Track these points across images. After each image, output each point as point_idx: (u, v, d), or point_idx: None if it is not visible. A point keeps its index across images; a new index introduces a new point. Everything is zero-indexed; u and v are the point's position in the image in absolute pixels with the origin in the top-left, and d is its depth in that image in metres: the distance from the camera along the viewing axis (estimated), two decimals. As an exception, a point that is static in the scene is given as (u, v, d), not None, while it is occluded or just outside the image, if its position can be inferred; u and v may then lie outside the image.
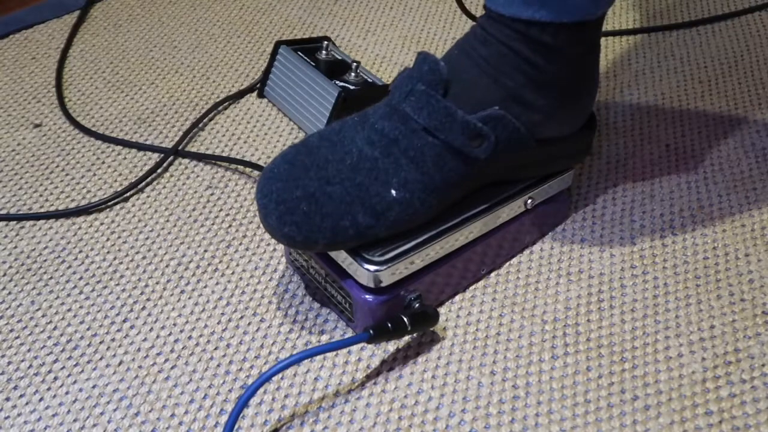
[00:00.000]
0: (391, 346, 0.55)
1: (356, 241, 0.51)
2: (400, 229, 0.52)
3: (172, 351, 0.54)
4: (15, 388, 0.52)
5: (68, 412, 0.51)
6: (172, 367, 0.53)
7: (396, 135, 0.52)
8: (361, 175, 0.51)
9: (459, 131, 0.52)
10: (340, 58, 0.75)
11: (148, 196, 0.67)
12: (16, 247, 0.62)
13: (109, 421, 0.50)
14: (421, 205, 0.52)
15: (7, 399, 0.51)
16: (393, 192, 0.51)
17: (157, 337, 0.55)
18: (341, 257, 0.53)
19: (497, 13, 0.54)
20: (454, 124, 0.52)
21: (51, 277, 0.60)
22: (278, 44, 0.76)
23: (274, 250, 0.62)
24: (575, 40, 0.54)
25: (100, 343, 0.55)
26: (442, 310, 0.57)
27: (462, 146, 0.52)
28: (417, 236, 0.53)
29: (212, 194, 0.67)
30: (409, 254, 0.52)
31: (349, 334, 0.55)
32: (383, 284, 0.52)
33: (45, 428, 0.50)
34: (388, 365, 0.53)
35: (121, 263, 0.61)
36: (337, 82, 0.71)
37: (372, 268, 0.51)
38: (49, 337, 0.55)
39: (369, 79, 0.72)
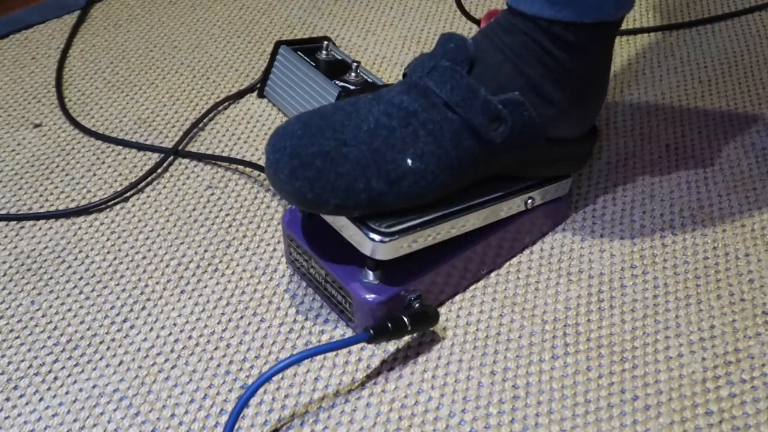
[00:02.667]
0: (391, 346, 0.55)
1: (366, 208, 0.51)
2: (410, 202, 0.52)
3: (172, 351, 0.54)
4: (15, 388, 0.52)
5: (68, 412, 0.51)
6: (172, 367, 0.53)
7: (415, 107, 0.52)
8: (378, 141, 0.51)
9: (479, 110, 0.52)
10: (340, 58, 0.75)
11: (148, 196, 0.67)
12: (16, 247, 0.62)
13: (109, 421, 0.50)
14: (433, 179, 0.52)
15: (7, 399, 0.51)
16: (409, 161, 0.51)
17: (157, 337, 0.55)
18: (344, 227, 0.52)
19: (519, 11, 0.54)
20: (475, 101, 0.52)
21: (51, 277, 0.60)
22: (278, 44, 0.76)
23: (274, 250, 0.62)
24: (595, 39, 0.55)
25: (100, 343, 0.55)
26: (442, 310, 0.57)
27: (480, 126, 0.52)
28: (423, 215, 0.53)
29: (212, 194, 0.67)
30: (414, 231, 0.52)
31: (349, 334, 0.55)
32: (383, 257, 0.51)
33: (45, 428, 0.50)
34: (388, 365, 0.53)
35: (121, 263, 0.61)
36: (337, 82, 0.71)
37: (376, 237, 0.51)
38: (49, 337, 0.55)
39: (369, 79, 0.72)
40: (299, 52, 0.75)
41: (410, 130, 0.52)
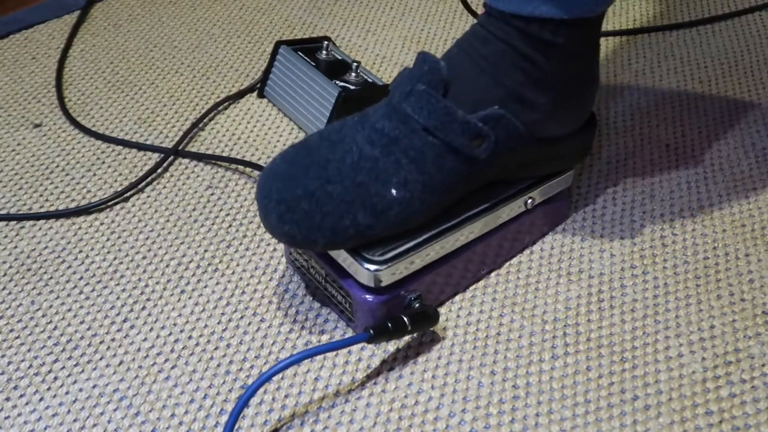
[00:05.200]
0: (391, 346, 0.55)
1: (356, 241, 0.51)
2: (401, 229, 0.52)
3: (172, 351, 0.54)
4: (15, 388, 0.52)
5: (68, 412, 0.51)
6: (173, 367, 0.53)
7: (396, 134, 0.52)
8: (361, 174, 0.51)
9: (459, 131, 0.52)
10: (340, 58, 0.75)
11: (148, 196, 0.67)
12: (16, 247, 0.62)
13: (109, 421, 0.50)
14: (421, 205, 0.52)
15: (7, 399, 0.51)
16: (393, 191, 0.51)
17: (157, 337, 0.55)
18: (341, 257, 0.53)
19: (497, 10, 0.54)
20: (454, 123, 0.52)
21: (51, 277, 0.60)
22: (278, 44, 0.76)
23: (274, 250, 0.62)
24: (575, 36, 0.54)
25: (100, 343, 0.55)
26: (442, 310, 0.57)
27: (462, 146, 0.52)
28: (417, 236, 0.53)
29: (212, 194, 0.67)
30: (410, 254, 0.52)
31: (349, 334, 0.55)
32: (383, 284, 0.52)
33: (45, 428, 0.50)
34: (388, 365, 0.53)
35: (121, 263, 0.61)
36: (337, 82, 0.71)
37: (372, 267, 0.51)
38: (49, 337, 0.55)
39: (369, 79, 0.72)
40: (299, 52, 0.75)
41: (392, 159, 0.52)
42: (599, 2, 0.54)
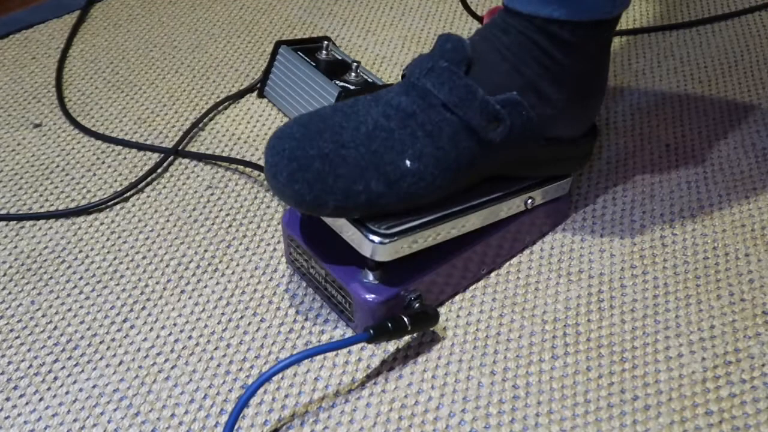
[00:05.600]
0: (391, 346, 0.55)
1: (365, 209, 0.51)
2: (410, 203, 0.52)
3: (172, 351, 0.54)
4: (15, 388, 0.52)
5: (68, 412, 0.51)
6: (173, 367, 0.53)
7: (413, 109, 0.52)
8: (376, 142, 0.51)
9: (478, 110, 0.52)
10: (340, 58, 0.75)
11: (148, 196, 0.67)
12: (16, 247, 0.62)
13: (109, 421, 0.50)
14: (432, 180, 0.52)
15: (7, 399, 0.51)
16: (407, 162, 0.51)
17: (157, 337, 0.55)
18: (344, 228, 0.52)
19: (515, 11, 0.54)
20: (474, 102, 0.52)
21: (51, 277, 0.60)
22: (278, 44, 0.76)
23: (274, 250, 0.62)
24: (591, 37, 0.55)
25: (100, 343, 0.55)
26: (442, 310, 0.57)
27: (479, 126, 0.52)
28: (422, 216, 0.53)
29: (212, 194, 0.67)
30: (413, 232, 0.52)
31: (349, 334, 0.55)
32: (383, 259, 0.51)
33: (45, 428, 0.50)
34: (388, 365, 0.53)
35: (121, 263, 0.61)
36: (337, 82, 0.71)
37: (376, 239, 0.51)
38: (49, 337, 0.55)
39: (369, 79, 0.72)
40: (299, 52, 0.75)
41: (408, 131, 0.52)
42: (616, 4, 0.54)
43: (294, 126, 0.52)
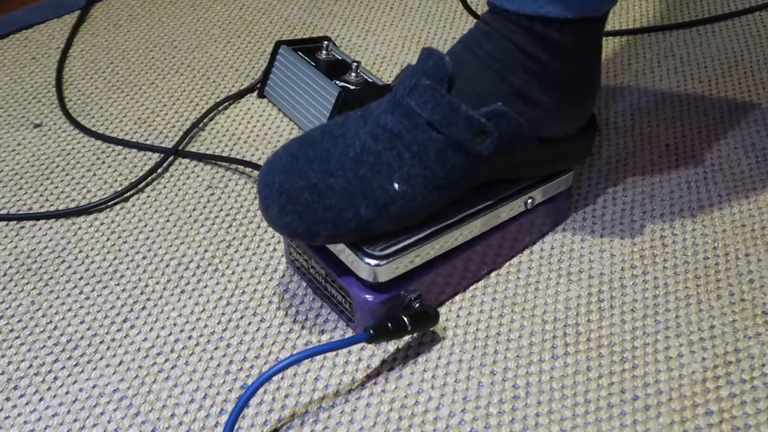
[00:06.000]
0: (391, 346, 0.55)
1: (357, 235, 0.51)
2: (402, 224, 0.52)
3: (172, 351, 0.54)
4: (15, 388, 0.52)
5: (68, 412, 0.51)
6: (173, 367, 0.53)
7: (399, 129, 0.52)
8: (363, 168, 0.51)
9: (463, 126, 0.52)
10: (340, 58, 0.75)
11: (148, 196, 0.67)
12: (16, 247, 0.62)
13: (109, 421, 0.50)
14: (423, 200, 0.52)
15: (7, 399, 0.52)
16: (396, 186, 0.51)
17: (157, 337, 0.55)
18: (341, 252, 0.53)
19: (501, 9, 0.54)
20: (458, 119, 0.52)
21: (51, 277, 0.60)
22: (278, 44, 0.76)
23: (274, 250, 0.62)
24: (579, 36, 0.54)
25: (100, 343, 0.55)
26: (442, 310, 0.57)
27: (465, 141, 0.52)
28: (418, 232, 0.53)
29: (212, 194, 0.67)
30: (410, 250, 0.52)
31: (349, 334, 0.56)
32: (383, 279, 0.52)
33: (45, 428, 0.50)
34: (388, 365, 0.53)
35: (121, 263, 0.61)
36: (337, 82, 0.71)
37: (372, 262, 0.51)
38: (49, 337, 0.55)
39: (369, 79, 0.72)
40: (299, 52, 0.75)
41: (395, 153, 0.52)
42: (604, 1, 0.54)
43: (284, 156, 0.53)
